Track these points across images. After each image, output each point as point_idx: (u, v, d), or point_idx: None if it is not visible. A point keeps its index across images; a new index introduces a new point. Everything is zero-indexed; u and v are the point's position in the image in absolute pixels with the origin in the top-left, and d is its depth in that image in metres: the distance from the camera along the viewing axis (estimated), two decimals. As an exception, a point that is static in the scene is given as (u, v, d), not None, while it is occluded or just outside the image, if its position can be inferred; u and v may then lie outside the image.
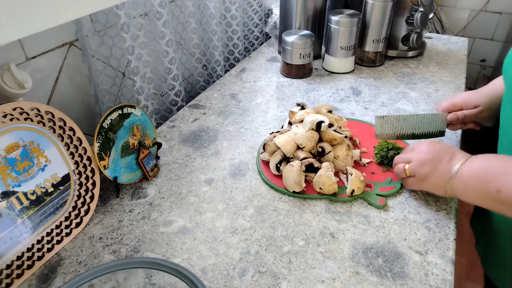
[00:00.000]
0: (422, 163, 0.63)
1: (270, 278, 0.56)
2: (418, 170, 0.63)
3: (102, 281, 0.52)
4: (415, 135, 0.76)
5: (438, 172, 0.61)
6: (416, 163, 0.64)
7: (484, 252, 0.76)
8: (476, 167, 0.57)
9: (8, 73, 0.57)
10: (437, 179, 0.61)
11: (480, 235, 0.79)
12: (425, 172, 0.62)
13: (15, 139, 0.56)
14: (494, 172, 0.54)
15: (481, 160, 0.58)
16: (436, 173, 0.61)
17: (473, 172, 0.57)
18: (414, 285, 0.55)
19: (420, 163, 0.63)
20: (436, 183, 0.61)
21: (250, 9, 1.30)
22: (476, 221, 0.81)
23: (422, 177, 0.63)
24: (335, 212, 0.67)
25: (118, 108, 0.69)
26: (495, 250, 0.72)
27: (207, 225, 0.65)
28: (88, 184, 0.67)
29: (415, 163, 0.64)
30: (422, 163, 0.63)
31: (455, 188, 0.59)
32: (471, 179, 0.57)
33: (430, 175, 0.62)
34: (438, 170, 0.61)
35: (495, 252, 0.72)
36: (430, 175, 0.62)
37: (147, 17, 0.88)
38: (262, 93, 1.05)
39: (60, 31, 0.71)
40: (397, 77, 1.12)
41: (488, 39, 2.18)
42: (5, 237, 0.55)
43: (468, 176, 0.57)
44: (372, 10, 1.10)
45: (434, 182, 0.62)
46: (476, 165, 0.58)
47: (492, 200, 0.54)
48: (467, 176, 0.58)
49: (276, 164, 0.73)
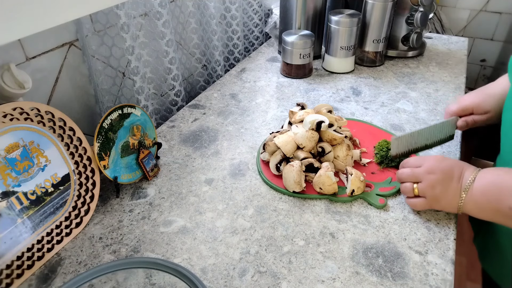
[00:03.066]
0: (434, 184, 0.61)
1: (270, 278, 0.56)
2: (429, 192, 0.61)
3: (102, 281, 0.52)
4: (428, 146, 0.74)
5: (450, 192, 0.60)
6: (427, 184, 0.61)
7: (482, 246, 0.76)
8: (486, 185, 0.57)
9: (8, 73, 0.57)
10: (449, 200, 0.60)
11: (478, 230, 0.79)
12: (437, 194, 0.61)
13: (15, 139, 0.56)
14: (505, 188, 0.54)
15: (491, 176, 0.57)
16: (447, 194, 0.60)
17: (484, 190, 0.57)
18: (414, 285, 0.55)
19: (432, 184, 0.61)
20: (448, 203, 0.60)
21: (250, 9, 1.30)
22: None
23: (433, 199, 0.61)
24: (335, 212, 0.67)
25: (118, 108, 0.69)
26: (493, 245, 0.72)
27: (207, 225, 0.65)
28: (88, 184, 0.67)
29: (426, 184, 0.61)
30: (434, 184, 0.61)
31: (467, 207, 0.59)
32: (482, 197, 0.57)
33: (442, 197, 0.60)
34: (450, 190, 0.60)
35: (493, 247, 0.72)
36: (442, 197, 0.60)
37: (147, 17, 0.88)
38: (262, 93, 1.05)
39: (60, 31, 0.71)
40: (397, 77, 1.12)
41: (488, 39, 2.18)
42: (5, 237, 0.55)
43: (479, 195, 0.57)
44: (372, 10, 1.10)
45: (446, 202, 0.61)
46: (486, 182, 0.57)
47: (504, 217, 0.54)
48: (478, 195, 0.57)
49: (276, 164, 0.73)
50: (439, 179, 0.60)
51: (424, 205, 0.63)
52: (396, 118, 0.92)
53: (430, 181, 0.61)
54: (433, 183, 0.61)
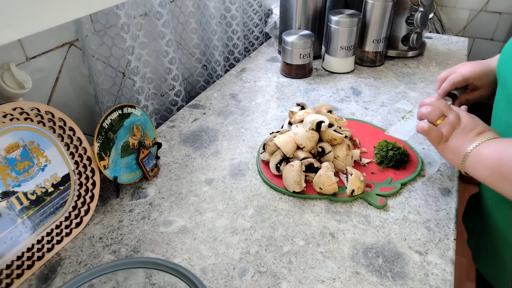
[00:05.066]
0: (455, 126, 0.60)
1: (270, 278, 0.56)
2: (448, 128, 0.60)
3: (102, 281, 0.52)
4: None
5: (464, 138, 0.58)
6: (451, 121, 0.61)
7: (476, 247, 0.76)
8: (503, 145, 0.54)
9: (8, 73, 0.57)
10: (459, 144, 0.58)
11: (471, 231, 0.79)
12: (452, 135, 0.60)
13: (15, 139, 0.56)
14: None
15: (509, 140, 0.54)
16: (461, 139, 0.59)
17: (498, 149, 0.54)
18: (414, 285, 0.55)
19: (454, 124, 0.61)
20: (456, 149, 0.59)
21: (250, 9, 1.30)
22: (467, 217, 0.81)
23: (446, 138, 0.61)
24: (335, 212, 0.67)
25: (118, 108, 0.69)
26: (486, 245, 0.72)
27: (207, 225, 0.65)
28: (88, 184, 0.67)
29: (450, 121, 0.61)
30: (456, 125, 0.60)
31: (470, 161, 0.56)
32: (493, 155, 0.53)
33: (455, 139, 0.59)
34: (465, 137, 0.58)
35: (486, 248, 0.72)
36: (455, 139, 0.59)
37: (147, 17, 0.88)
38: (262, 93, 1.05)
39: (60, 31, 0.71)
40: (397, 77, 1.12)
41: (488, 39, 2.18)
42: (5, 237, 0.55)
43: (491, 152, 0.54)
44: (372, 10, 1.10)
45: (454, 146, 0.59)
46: (504, 144, 0.54)
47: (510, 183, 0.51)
48: (491, 151, 0.54)
49: (276, 164, 0.73)
50: (462, 125, 0.60)
51: (435, 136, 0.61)
52: (396, 118, 0.92)
53: (455, 121, 0.61)
54: (455, 124, 0.61)
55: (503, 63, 0.62)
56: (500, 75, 0.63)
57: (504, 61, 0.62)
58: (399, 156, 0.75)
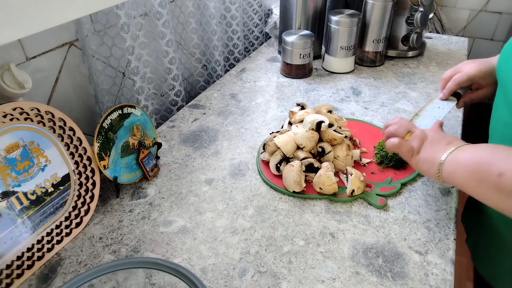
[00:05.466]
0: (423, 138, 0.61)
1: (270, 278, 0.56)
2: (417, 142, 0.61)
3: (102, 281, 0.52)
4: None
5: (435, 149, 0.58)
6: (418, 136, 0.62)
7: (474, 247, 0.76)
8: (478, 150, 0.53)
9: (8, 73, 0.57)
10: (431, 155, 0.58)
11: (470, 231, 0.79)
12: (422, 148, 0.60)
13: (15, 139, 0.56)
14: (498, 155, 0.49)
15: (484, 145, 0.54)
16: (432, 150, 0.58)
17: (474, 153, 0.52)
18: (414, 285, 0.55)
19: (422, 137, 0.61)
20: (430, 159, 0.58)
21: (250, 9, 1.30)
22: (467, 217, 0.81)
23: (417, 150, 0.61)
24: (335, 212, 0.67)
25: (118, 108, 0.69)
26: (485, 245, 0.72)
27: (207, 225, 0.65)
28: (88, 184, 0.67)
29: (417, 135, 0.62)
30: (424, 138, 0.61)
31: (447, 168, 0.55)
32: (470, 160, 0.52)
33: (426, 151, 0.59)
34: (436, 148, 0.58)
35: (485, 248, 0.72)
36: (426, 151, 0.59)
37: (147, 17, 0.88)
38: (262, 93, 1.05)
39: (60, 31, 0.71)
40: (397, 77, 1.12)
41: (488, 39, 2.18)
42: (5, 237, 0.55)
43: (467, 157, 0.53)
44: (372, 10, 1.10)
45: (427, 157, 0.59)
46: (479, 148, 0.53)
47: (489, 186, 0.48)
48: (466, 156, 0.53)
49: (276, 164, 0.73)
50: (430, 138, 0.61)
51: (407, 150, 0.62)
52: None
53: (422, 135, 0.61)
54: (423, 138, 0.61)
55: (502, 63, 0.62)
56: (500, 75, 0.63)
57: (504, 61, 0.62)
58: (399, 156, 0.74)
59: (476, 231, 0.76)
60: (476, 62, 0.74)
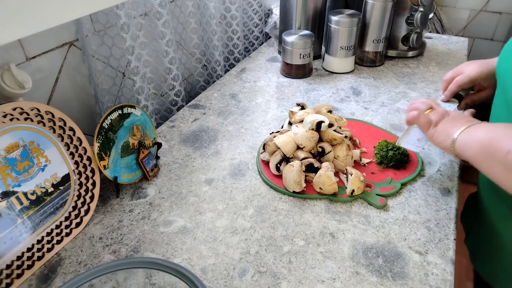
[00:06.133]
0: (444, 115, 0.65)
1: (270, 278, 0.56)
2: (437, 116, 0.64)
3: (102, 281, 0.52)
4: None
5: (454, 123, 0.61)
6: (439, 112, 0.65)
7: (473, 247, 0.76)
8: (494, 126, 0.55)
9: (8, 73, 0.57)
10: (448, 128, 0.61)
11: (469, 230, 0.79)
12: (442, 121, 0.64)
13: (15, 139, 0.56)
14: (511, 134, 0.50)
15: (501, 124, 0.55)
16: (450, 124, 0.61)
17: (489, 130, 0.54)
18: (414, 285, 0.55)
19: (443, 114, 0.65)
20: (446, 131, 0.61)
21: (250, 9, 1.30)
22: (466, 217, 0.81)
23: (436, 123, 0.64)
24: (335, 212, 0.67)
25: (118, 108, 0.69)
26: (484, 245, 0.72)
27: (207, 225, 0.65)
28: (88, 184, 0.67)
29: (438, 112, 0.66)
30: (445, 115, 0.65)
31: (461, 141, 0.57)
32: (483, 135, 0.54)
33: (444, 125, 0.63)
34: (454, 123, 0.61)
35: (483, 247, 0.72)
36: (444, 125, 0.63)
37: (147, 17, 0.88)
38: (262, 93, 1.05)
39: (60, 31, 0.71)
40: (397, 77, 1.12)
41: (488, 39, 2.18)
42: (5, 237, 0.55)
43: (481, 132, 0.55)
44: (372, 10, 1.10)
45: (445, 129, 0.62)
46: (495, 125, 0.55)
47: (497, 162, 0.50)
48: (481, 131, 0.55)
49: (276, 164, 0.73)
50: (452, 115, 0.64)
51: (425, 121, 0.65)
52: (396, 118, 0.92)
53: (444, 112, 0.65)
54: (444, 114, 0.65)
55: (502, 63, 0.62)
56: (499, 76, 0.63)
57: (503, 62, 0.62)
58: (399, 156, 0.75)
59: (474, 231, 0.76)
60: (478, 63, 0.75)
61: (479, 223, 0.73)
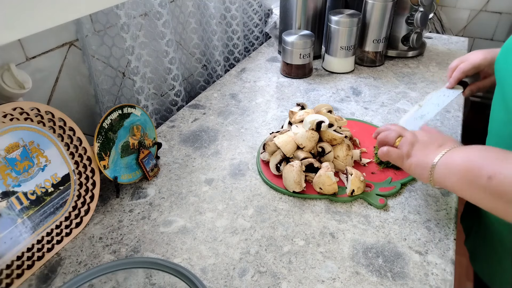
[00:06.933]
0: (413, 142, 0.61)
1: (270, 278, 0.56)
2: (407, 147, 0.60)
3: (102, 281, 0.52)
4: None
5: (426, 152, 0.58)
6: (409, 140, 0.61)
7: (473, 248, 0.76)
8: (469, 152, 0.52)
9: (8, 73, 0.57)
10: (421, 158, 0.58)
11: (469, 232, 0.79)
12: (413, 151, 0.60)
13: (15, 139, 0.56)
14: (489, 157, 0.49)
15: (475, 147, 0.53)
16: (423, 153, 0.58)
17: (465, 156, 0.52)
18: (414, 285, 0.55)
19: (412, 141, 0.61)
20: (420, 162, 0.58)
21: (250, 9, 1.30)
22: (466, 219, 0.81)
23: (407, 154, 0.60)
24: (335, 212, 0.67)
25: (118, 108, 0.69)
26: (484, 246, 0.72)
27: (207, 225, 0.65)
28: (88, 184, 0.67)
29: (407, 139, 0.61)
30: (414, 142, 0.61)
31: (438, 172, 0.54)
32: (461, 163, 0.52)
33: (417, 154, 0.59)
34: (426, 151, 0.58)
35: (483, 249, 0.72)
36: (417, 154, 0.59)
37: (147, 17, 0.88)
38: (262, 93, 1.05)
39: (60, 31, 0.71)
40: (397, 77, 1.12)
41: (488, 39, 2.18)
42: (5, 237, 0.55)
43: (458, 160, 0.52)
44: (372, 10, 1.10)
45: (418, 160, 0.58)
46: (470, 150, 0.53)
47: (480, 189, 0.48)
48: (457, 159, 0.53)
49: (276, 164, 0.73)
50: (420, 141, 0.60)
51: (397, 156, 0.61)
52: (396, 118, 0.92)
53: (412, 139, 0.61)
54: (413, 141, 0.61)
55: (500, 61, 0.62)
56: (498, 74, 0.63)
57: (502, 60, 0.62)
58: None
59: (474, 232, 0.76)
60: (483, 51, 0.76)
61: (479, 225, 0.73)
